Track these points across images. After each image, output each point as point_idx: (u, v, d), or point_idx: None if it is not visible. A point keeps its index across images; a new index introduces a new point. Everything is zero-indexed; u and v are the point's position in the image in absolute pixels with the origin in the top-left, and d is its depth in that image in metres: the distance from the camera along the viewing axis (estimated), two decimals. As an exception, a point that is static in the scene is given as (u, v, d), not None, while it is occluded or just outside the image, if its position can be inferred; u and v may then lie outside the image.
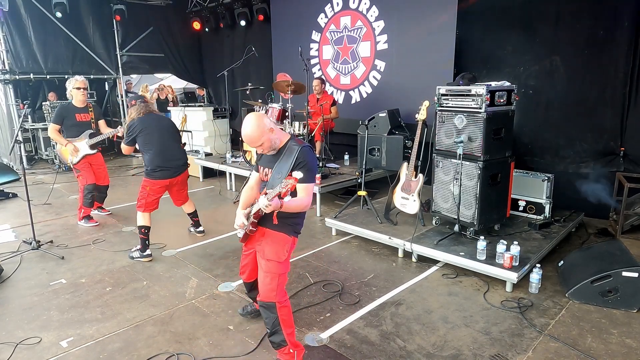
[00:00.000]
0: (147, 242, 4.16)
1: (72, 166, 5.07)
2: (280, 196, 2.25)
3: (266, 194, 2.31)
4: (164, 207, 4.53)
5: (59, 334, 2.96)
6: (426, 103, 4.25)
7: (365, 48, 6.90)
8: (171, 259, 4.21)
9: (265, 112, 6.55)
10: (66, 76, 9.05)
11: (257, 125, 2.39)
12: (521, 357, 2.66)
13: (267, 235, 2.57)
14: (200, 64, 10.95)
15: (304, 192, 2.44)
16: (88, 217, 5.18)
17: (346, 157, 6.82)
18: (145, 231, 4.12)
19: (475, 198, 3.93)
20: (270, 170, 2.54)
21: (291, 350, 2.51)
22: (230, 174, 6.85)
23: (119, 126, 4.99)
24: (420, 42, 6.13)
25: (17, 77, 8.54)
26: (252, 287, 2.96)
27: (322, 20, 7.49)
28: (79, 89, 4.92)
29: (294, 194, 2.43)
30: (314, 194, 5.48)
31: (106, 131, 5.11)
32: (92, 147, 5.01)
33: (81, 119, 4.98)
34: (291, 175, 2.33)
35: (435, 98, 4.15)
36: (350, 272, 3.87)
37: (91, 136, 5.00)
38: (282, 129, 2.89)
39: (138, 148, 4.12)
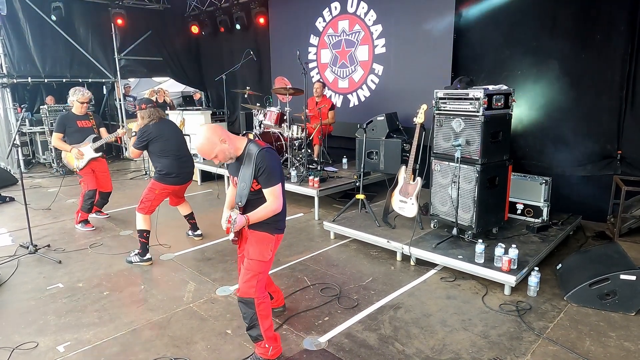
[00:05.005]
0: (147, 246, 4.14)
1: (76, 172, 5.10)
2: (235, 235, 2.45)
3: (238, 204, 2.46)
4: (161, 210, 4.52)
5: (56, 338, 2.94)
6: (424, 106, 4.27)
7: (363, 52, 6.91)
8: (169, 263, 4.19)
9: (264, 116, 6.57)
10: (64, 80, 9.12)
11: (207, 137, 2.38)
12: (520, 360, 2.66)
13: (250, 235, 2.61)
14: (199, 67, 10.96)
15: (271, 196, 2.45)
16: (85, 222, 5.17)
17: (344, 160, 6.84)
18: (146, 235, 4.11)
19: (473, 201, 3.93)
20: (237, 178, 2.53)
21: (266, 345, 2.58)
22: (228, 177, 6.84)
23: (120, 128, 5.00)
24: (418, 46, 6.15)
25: (15, 80, 8.52)
26: None
27: (320, 24, 7.51)
28: (82, 103, 4.96)
29: (263, 199, 2.47)
30: (312, 198, 5.49)
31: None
32: (96, 150, 5.04)
33: (83, 124, 5.02)
34: (256, 181, 2.42)
35: (433, 101, 4.17)
36: (349, 275, 3.86)
37: (95, 140, 5.02)
38: (255, 134, 2.96)
39: (149, 152, 4.12)
